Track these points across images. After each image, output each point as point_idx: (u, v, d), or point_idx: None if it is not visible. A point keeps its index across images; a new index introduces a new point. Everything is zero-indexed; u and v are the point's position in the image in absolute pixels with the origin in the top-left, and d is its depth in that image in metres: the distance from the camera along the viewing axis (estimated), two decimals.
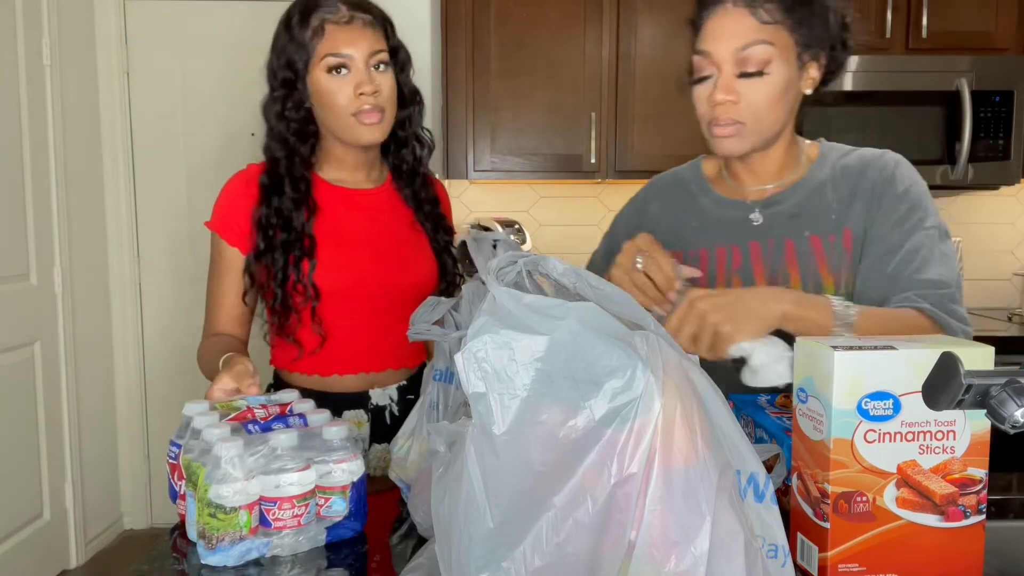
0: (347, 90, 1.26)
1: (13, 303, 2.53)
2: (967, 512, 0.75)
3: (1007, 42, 2.67)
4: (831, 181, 1.18)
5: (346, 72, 1.26)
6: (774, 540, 0.66)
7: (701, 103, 1.13)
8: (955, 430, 0.74)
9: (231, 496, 0.82)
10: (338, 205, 1.35)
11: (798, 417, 0.79)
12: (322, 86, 1.27)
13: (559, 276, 0.68)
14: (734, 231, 1.21)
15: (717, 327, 0.94)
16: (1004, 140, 2.60)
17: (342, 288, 1.31)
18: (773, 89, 1.09)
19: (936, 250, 1.11)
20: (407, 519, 0.97)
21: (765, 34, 1.07)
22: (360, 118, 1.27)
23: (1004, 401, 0.56)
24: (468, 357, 0.61)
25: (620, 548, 0.58)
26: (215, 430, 0.87)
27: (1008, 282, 3.07)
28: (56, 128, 2.70)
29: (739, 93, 1.08)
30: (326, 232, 1.32)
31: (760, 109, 1.09)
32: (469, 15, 2.70)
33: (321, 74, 1.26)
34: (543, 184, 3.03)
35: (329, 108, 1.28)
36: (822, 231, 1.16)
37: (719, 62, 1.09)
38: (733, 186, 1.24)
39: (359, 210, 1.36)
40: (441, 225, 1.44)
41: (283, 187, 1.30)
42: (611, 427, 0.58)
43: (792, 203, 1.19)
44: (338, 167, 1.37)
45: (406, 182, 1.41)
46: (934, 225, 1.13)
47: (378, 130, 1.30)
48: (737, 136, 1.11)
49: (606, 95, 2.74)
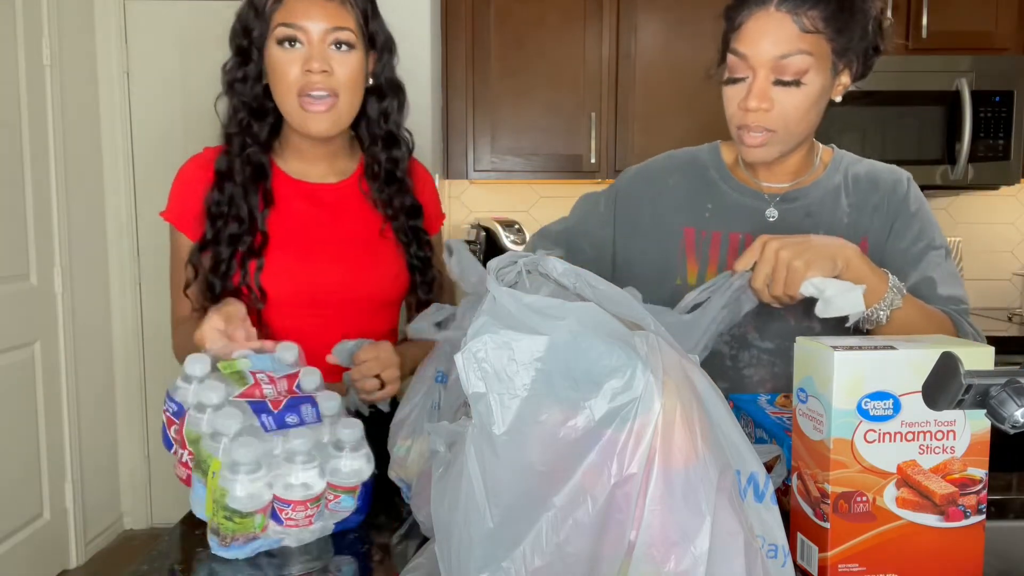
0: (296, 65, 1.13)
1: (13, 303, 2.53)
2: (967, 512, 0.75)
3: (1007, 42, 2.67)
4: (844, 187, 1.20)
5: (299, 47, 1.13)
6: (774, 540, 0.66)
7: (732, 104, 1.11)
8: (955, 430, 0.74)
9: (247, 501, 0.82)
10: (298, 200, 1.23)
11: (798, 417, 0.79)
12: (273, 59, 1.15)
13: (559, 276, 0.68)
14: (749, 220, 1.21)
15: (790, 262, 0.94)
16: (1004, 140, 2.60)
17: (293, 293, 1.19)
18: (807, 99, 1.07)
19: (946, 270, 1.16)
20: (407, 519, 0.97)
21: (805, 43, 1.05)
22: (304, 101, 1.14)
23: (1004, 401, 0.56)
24: (468, 357, 0.61)
25: (620, 548, 0.58)
26: (229, 421, 0.84)
27: (1008, 282, 3.07)
28: (56, 128, 2.70)
29: (772, 101, 1.07)
30: (281, 229, 1.21)
31: (792, 118, 1.08)
32: (469, 14, 2.70)
33: (274, 46, 1.15)
34: (543, 184, 3.03)
35: (278, 86, 1.16)
36: (835, 233, 1.17)
37: (755, 66, 1.07)
38: (749, 177, 1.24)
39: (320, 207, 1.24)
40: (419, 239, 1.29)
41: (242, 175, 1.19)
42: (611, 427, 0.58)
43: (807, 202, 1.20)
44: (297, 157, 1.25)
45: (380, 185, 1.27)
46: (941, 245, 1.18)
47: (326, 120, 1.16)
48: (767, 145, 1.11)
49: (606, 95, 2.74)
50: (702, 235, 1.22)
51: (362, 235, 1.25)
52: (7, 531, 2.49)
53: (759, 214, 1.21)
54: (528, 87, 2.74)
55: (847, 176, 1.21)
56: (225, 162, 1.19)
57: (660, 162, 1.32)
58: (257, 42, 1.16)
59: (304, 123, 1.16)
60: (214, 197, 1.18)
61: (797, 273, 0.94)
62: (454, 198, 3.11)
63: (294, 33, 1.13)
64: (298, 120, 1.17)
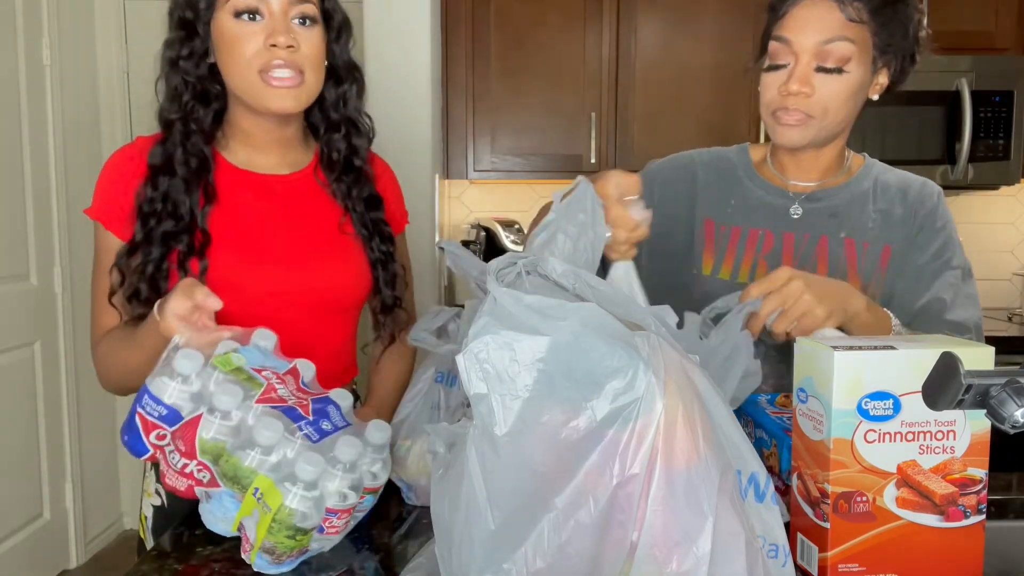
0: (257, 39, 1.02)
1: (13, 303, 2.53)
2: (967, 512, 0.75)
3: (1007, 42, 2.67)
4: (872, 193, 1.20)
5: (259, 19, 1.02)
6: (775, 540, 0.66)
7: (770, 90, 1.12)
8: (955, 430, 0.74)
9: (315, 517, 0.79)
10: (243, 192, 1.10)
11: (798, 417, 0.79)
12: (227, 33, 1.03)
13: (558, 277, 0.68)
14: (772, 217, 1.21)
15: (812, 308, 0.93)
16: (1004, 140, 2.60)
17: (241, 297, 1.05)
18: (847, 87, 1.09)
19: (961, 292, 1.16)
20: (407, 519, 0.98)
21: (849, 31, 1.06)
22: (268, 78, 1.03)
23: (1004, 401, 0.56)
24: (470, 358, 0.61)
25: (622, 549, 0.58)
26: (269, 433, 0.78)
27: (1008, 282, 3.07)
28: (56, 128, 2.70)
29: (813, 87, 1.08)
30: (225, 225, 1.07)
31: (831, 106, 1.09)
32: (469, 15, 2.70)
33: (227, 17, 1.02)
34: (543, 184, 3.03)
35: (233, 61, 1.03)
36: (858, 236, 1.18)
37: (799, 52, 1.08)
38: (776, 176, 1.24)
39: (271, 200, 1.11)
40: (380, 232, 1.18)
41: (180, 167, 1.05)
42: (613, 428, 0.58)
43: (833, 203, 1.20)
44: (246, 145, 1.12)
45: (338, 175, 1.16)
46: (959, 265, 1.18)
47: (291, 96, 1.05)
48: (802, 127, 1.11)
49: (606, 95, 2.74)
50: (721, 229, 1.23)
51: (319, 230, 1.14)
52: (7, 531, 2.48)
53: (783, 211, 1.21)
54: (528, 87, 2.73)
55: (876, 182, 1.22)
56: (160, 153, 1.06)
57: (691, 156, 1.32)
58: (204, 15, 1.04)
59: (265, 99, 1.04)
60: (147, 193, 1.04)
61: (816, 320, 0.94)
62: (454, 198, 3.11)
63: (256, 5, 1.02)
64: (258, 97, 1.04)
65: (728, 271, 1.21)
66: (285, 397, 0.87)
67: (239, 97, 1.07)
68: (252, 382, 0.85)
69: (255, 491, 0.78)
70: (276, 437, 0.79)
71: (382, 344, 1.22)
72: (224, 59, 1.05)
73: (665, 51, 2.71)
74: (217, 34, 1.04)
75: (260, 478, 0.78)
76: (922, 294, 1.15)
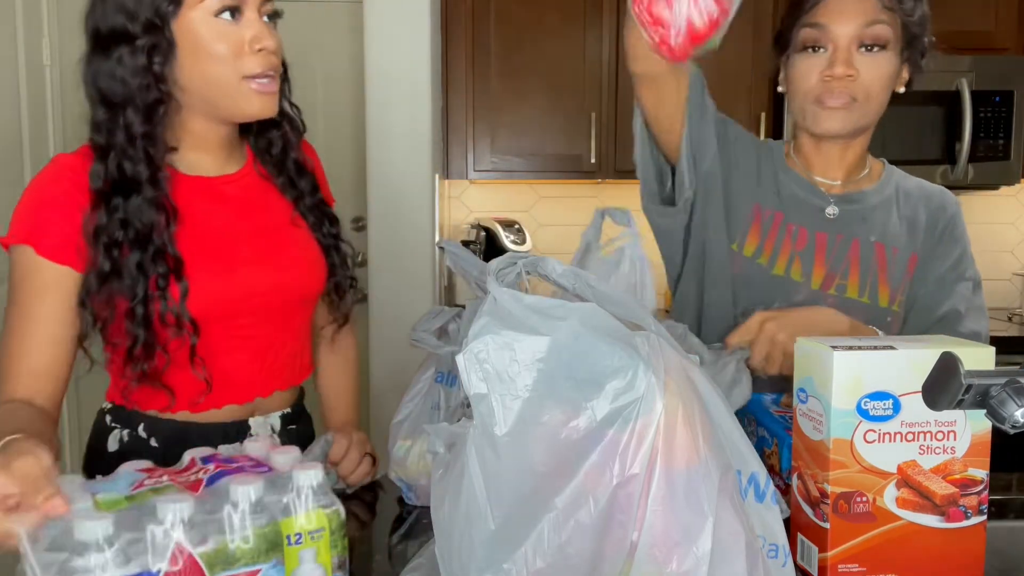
0: (239, 43, 0.95)
1: None
2: (968, 513, 0.75)
3: (1007, 42, 2.67)
4: (896, 199, 1.21)
5: (240, 18, 0.95)
6: (774, 540, 0.66)
7: (810, 76, 1.11)
8: (955, 430, 0.74)
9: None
10: (199, 201, 1.03)
11: (798, 417, 0.79)
12: (202, 35, 0.94)
13: (558, 277, 0.68)
14: (807, 214, 1.20)
15: (785, 347, 0.97)
16: (1004, 140, 2.60)
17: (224, 310, 1.01)
18: (889, 69, 1.11)
19: (973, 303, 1.17)
20: (407, 519, 0.98)
21: (885, 15, 1.09)
22: (254, 85, 0.96)
23: (1004, 401, 0.56)
24: (470, 358, 0.61)
25: (622, 549, 0.58)
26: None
27: (1008, 282, 3.07)
28: (56, 128, 2.70)
29: (858, 69, 1.09)
30: (189, 239, 0.99)
31: (873, 89, 1.10)
32: (469, 15, 2.70)
33: (201, 17, 0.93)
34: (543, 184, 3.03)
35: (210, 67, 0.95)
36: (888, 241, 1.19)
37: (837, 37, 1.09)
38: (803, 171, 1.23)
39: (225, 203, 1.05)
40: (326, 215, 1.14)
41: (135, 186, 0.95)
42: (613, 427, 0.58)
43: (864, 206, 1.20)
44: (194, 148, 1.03)
45: (277, 169, 1.11)
46: (971, 277, 1.19)
47: (273, 102, 1.00)
48: (847, 111, 1.11)
49: (606, 95, 2.74)
50: (767, 214, 1.21)
51: (275, 225, 1.09)
52: None
53: (817, 209, 1.20)
54: (528, 87, 2.73)
55: (898, 189, 1.22)
56: (117, 173, 0.96)
57: (747, 136, 1.27)
58: (168, 12, 0.94)
59: (248, 107, 0.98)
60: (101, 221, 0.94)
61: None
62: (454, 198, 3.11)
63: (238, 2, 0.94)
64: (241, 104, 0.98)
65: (767, 258, 1.19)
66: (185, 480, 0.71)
67: (201, 100, 0.99)
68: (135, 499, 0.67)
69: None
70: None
71: (337, 325, 1.19)
72: (195, 65, 0.96)
73: None
74: (185, 36, 0.95)
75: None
76: (942, 303, 1.16)
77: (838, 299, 1.15)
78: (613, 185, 2.99)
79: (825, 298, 1.16)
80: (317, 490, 0.71)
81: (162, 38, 0.94)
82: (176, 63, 0.96)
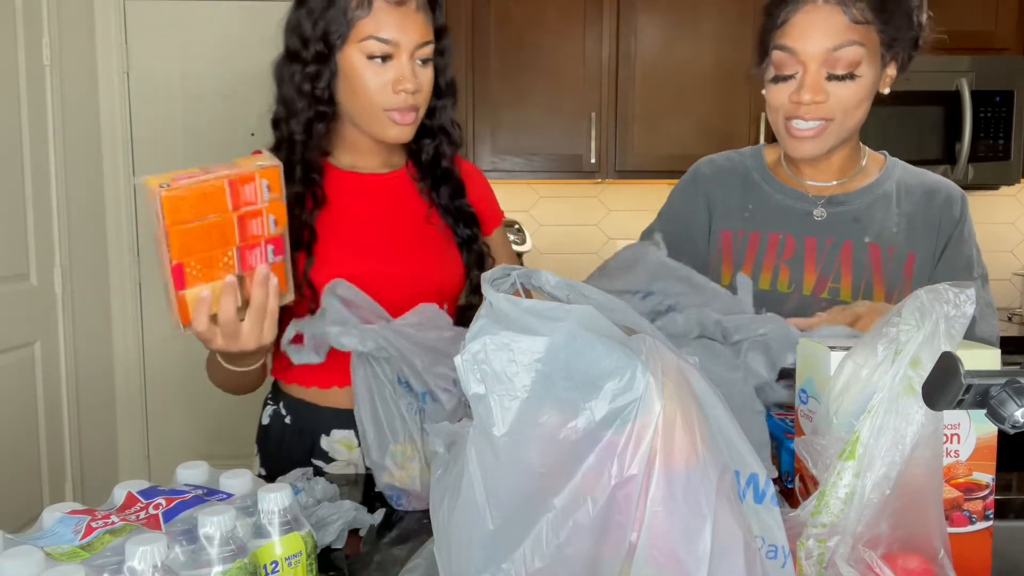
0: (385, 82, 1.11)
1: (13, 303, 2.53)
2: (972, 518, 0.74)
3: (1007, 42, 2.67)
4: (895, 195, 1.19)
5: (389, 62, 1.11)
6: (774, 541, 0.66)
7: (779, 96, 1.10)
8: (959, 433, 0.73)
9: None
10: (348, 193, 1.21)
11: (799, 418, 0.79)
12: (356, 71, 1.11)
13: (552, 289, 0.68)
14: (792, 221, 1.19)
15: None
16: (1004, 140, 2.60)
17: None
18: (862, 90, 1.07)
19: (982, 302, 1.14)
20: (404, 519, 0.97)
21: (856, 34, 1.04)
22: (393, 116, 1.13)
23: (1004, 401, 0.56)
24: (468, 359, 0.61)
25: (621, 550, 0.58)
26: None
27: (1008, 282, 3.07)
28: (56, 128, 2.70)
29: (827, 93, 1.06)
30: (331, 223, 1.17)
31: (849, 107, 1.07)
32: (469, 14, 2.70)
33: (358, 56, 1.10)
34: (543, 184, 3.03)
35: (359, 97, 1.13)
36: (883, 241, 1.17)
37: (806, 60, 1.06)
38: (792, 177, 1.22)
39: (372, 198, 1.22)
40: (463, 215, 1.26)
41: (293, 174, 1.13)
42: (611, 428, 0.58)
43: (856, 206, 1.18)
44: (350, 151, 1.23)
45: (424, 173, 1.27)
46: (980, 274, 1.17)
47: (409, 131, 1.16)
48: (818, 137, 1.09)
49: (606, 95, 2.74)
50: (739, 235, 1.21)
51: (410, 222, 1.23)
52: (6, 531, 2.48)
53: (803, 214, 1.19)
54: (528, 87, 2.73)
55: (899, 184, 1.20)
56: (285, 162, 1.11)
57: (700, 171, 1.30)
58: (336, 46, 1.11)
59: (385, 133, 1.15)
60: None
61: None
62: None
63: (388, 50, 1.10)
64: (380, 131, 1.15)
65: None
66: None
67: (352, 117, 1.17)
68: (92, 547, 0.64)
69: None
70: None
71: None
72: (350, 93, 1.13)
73: (665, 51, 2.71)
74: (345, 68, 1.12)
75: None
76: None
77: (831, 303, 1.14)
78: (613, 185, 2.99)
79: (817, 303, 1.15)
80: (287, 512, 0.68)
81: (326, 68, 1.12)
82: (336, 86, 1.14)
